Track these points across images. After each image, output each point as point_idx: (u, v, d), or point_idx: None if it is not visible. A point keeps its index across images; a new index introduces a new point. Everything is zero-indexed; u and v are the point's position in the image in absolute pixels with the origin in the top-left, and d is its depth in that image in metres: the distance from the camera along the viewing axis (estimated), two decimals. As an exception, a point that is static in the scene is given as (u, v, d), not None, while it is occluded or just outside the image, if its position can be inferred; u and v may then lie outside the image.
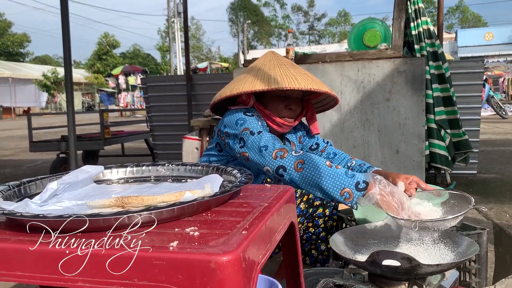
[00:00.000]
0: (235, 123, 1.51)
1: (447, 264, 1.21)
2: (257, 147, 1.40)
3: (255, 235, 0.75)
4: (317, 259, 1.78)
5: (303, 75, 1.60)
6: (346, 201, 1.32)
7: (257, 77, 1.57)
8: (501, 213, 2.99)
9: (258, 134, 1.44)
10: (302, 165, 1.33)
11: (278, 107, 1.63)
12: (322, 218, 1.77)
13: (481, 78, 4.09)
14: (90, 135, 5.23)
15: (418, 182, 1.50)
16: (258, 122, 1.50)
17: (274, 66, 1.62)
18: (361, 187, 1.31)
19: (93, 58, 42.45)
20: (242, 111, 1.55)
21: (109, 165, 1.23)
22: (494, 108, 11.57)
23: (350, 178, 1.32)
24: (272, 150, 1.38)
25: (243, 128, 1.47)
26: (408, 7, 3.40)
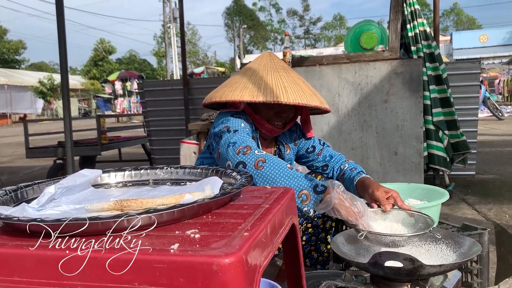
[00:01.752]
0: (220, 123, 1.53)
1: (450, 265, 1.20)
2: (228, 143, 1.41)
3: (257, 236, 0.74)
4: (317, 261, 1.77)
5: (294, 86, 1.57)
6: (303, 204, 1.29)
7: (247, 85, 1.55)
8: (500, 213, 2.98)
9: (234, 132, 1.44)
10: (263, 163, 1.32)
11: (269, 113, 1.62)
12: (321, 219, 1.76)
13: (478, 79, 4.10)
14: (87, 141, 5.21)
15: (396, 199, 1.46)
16: (241, 123, 1.50)
17: (267, 73, 1.59)
18: (319, 190, 1.29)
19: (89, 64, 42.41)
20: (230, 114, 1.56)
21: (107, 169, 1.22)
22: (491, 110, 11.61)
23: (308, 181, 1.31)
24: (238, 147, 1.37)
25: (224, 126, 1.49)
26: (404, 9, 3.40)
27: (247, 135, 1.46)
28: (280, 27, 54.84)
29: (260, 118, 1.62)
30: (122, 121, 20.15)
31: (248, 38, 52.46)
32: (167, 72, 30.09)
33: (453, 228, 1.79)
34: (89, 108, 30.71)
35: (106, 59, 41.55)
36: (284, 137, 1.78)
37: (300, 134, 1.81)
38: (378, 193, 1.47)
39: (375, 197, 1.48)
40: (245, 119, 1.55)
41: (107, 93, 29.75)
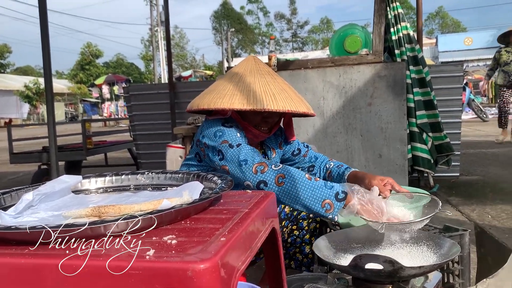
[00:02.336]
0: (213, 135, 1.50)
1: (429, 266, 1.22)
2: (237, 161, 1.40)
3: (234, 241, 0.74)
4: (302, 263, 1.78)
5: (282, 92, 1.58)
6: (327, 213, 1.33)
7: (236, 92, 1.55)
8: (483, 214, 3.02)
9: (237, 147, 1.43)
10: (283, 179, 1.34)
11: (256, 119, 1.63)
12: (306, 220, 1.77)
13: (461, 82, 4.15)
14: (72, 146, 5.16)
15: (393, 184, 1.52)
16: (237, 133, 1.50)
17: (254, 79, 1.60)
18: (340, 197, 1.33)
19: (76, 68, 42.07)
20: (221, 122, 1.54)
21: (87, 174, 1.22)
22: (475, 111, 11.77)
23: (329, 190, 1.33)
24: (252, 165, 1.37)
25: (222, 140, 1.47)
26: (387, 12, 3.44)
27: (249, 146, 1.46)
28: (268, 30, 55.00)
29: (248, 124, 1.63)
30: (110, 125, 20.01)
31: (236, 42, 52.50)
32: (154, 76, 29.99)
33: (435, 229, 1.81)
34: (76, 112, 30.45)
35: (93, 63, 41.26)
36: (270, 141, 1.80)
37: (285, 138, 1.82)
38: (375, 181, 1.52)
39: (373, 185, 1.51)
40: (236, 127, 1.55)
41: (94, 97, 29.54)
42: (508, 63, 6.51)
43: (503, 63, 6.56)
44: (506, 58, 6.52)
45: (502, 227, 2.72)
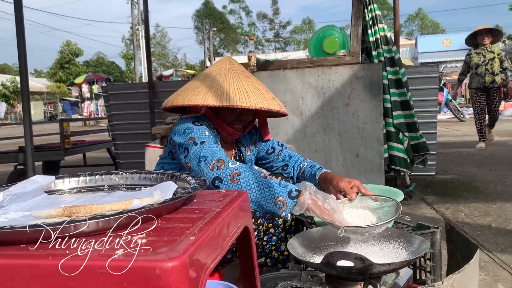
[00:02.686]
0: (183, 132, 1.53)
1: (399, 263, 1.25)
2: (198, 157, 1.42)
3: (204, 240, 0.76)
4: (278, 260, 1.80)
5: (255, 90, 1.62)
6: (280, 210, 1.35)
7: (210, 89, 1.58)
8: (457, 212, 3.10)
9: (200, 144, 1.45)
10: (238, 177, 1.36)
11: (230, 117, 1.65)
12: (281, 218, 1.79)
13: (437, 83, 4.24)
14: (50, 146, 5.08)
15: (359, 187, 1.56)
16: (205, 131, 1.52)
17: (228, 78, 1.63)
18: (293, 195, 1.35)
19: (55, 66, 41.39)
20: (192, 120, 1.56)
21: (61, 175, 1.21)
22: (453, 112, 12.01)
23: (283, 188, 1.36)
24: (210, 161, 1.39)
25: (188, 138, 1.49)
26: (365, 14, 3.49)
27: (214, 144, 1.48)
28: (250, 30, 55.04)
29: (221, 122, 1.65)
30: (89, 125, 19.74)
31: (218, 41, 52.37)
32: (135, 75, 29.71)
33: (408, 227, 1.86)
34: (55, 111, 29.94)
35: (72, 61, 40.65)
36: (245, 139, 1.82)
37: (260, 137, 1.84)
38: (342, 184, 1.56)
39: (340, 188, 1.56)
40: (207, 125, 1.57)
41: (74, 96, 29.10)
42: (480, 65, 6.16)
43: (474, 65, 6.22)
44: (478, 60, 6.18)
45: (474, 224, 2.79)
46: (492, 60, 6.08)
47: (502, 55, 6.13)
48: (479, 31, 6.16)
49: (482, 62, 6.14)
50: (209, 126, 1.58)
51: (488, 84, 6.11)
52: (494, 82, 6.11)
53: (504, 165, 4.85)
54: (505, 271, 2.05)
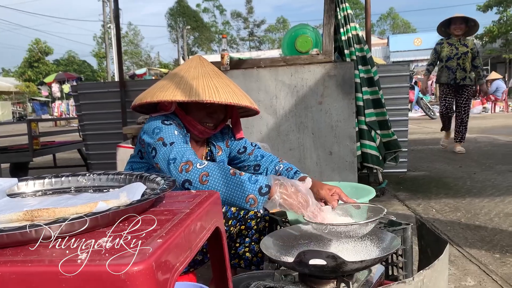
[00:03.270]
0: (152, 131, 1.50)
1: (370, 260, 1.26)
2: (167, 159, 1.40)
3: (172, 243, 0.74)
4: (252, 262, 1.79)
5: (225, 87, 1.60)
6: (252, 207, 1.34)
7: (179, 85, 1.56)
8: (428, 208, 3.16)
9: (170, 145, 1.43)
10: (207, 178, 1.34)
11: (200, 114, 1.63)
12: (254, 220, 1.78)
13: (408, 81, 4.31)
14: (18, 147, 4.94)
15: (340, 194, 1.53)
16: (174, 131, 1.49)
17: (198, 74, 1.61)
18: (263, 191, 1.34)
19: (24, 65, 40.26)
20: (161, 119, 1.54)
21: (24, 177, 1.17)
22: (424, 109, 12.28)
23: (253, 184, 1.34)
24: (179, 164, 1.37)
25: (158, 138, 1.46)
26: (337, 13, 3.52)
27: (183, 144, 1.45)
28: (225, 29, 54.86)
29: (192, 119, 1.63)
30: (60, 125, 19.29)
31: (192, 39, 52.01)
32: (108, 74, 29.21)
33: (380, 224, 1.88)
34: (24, 111, 29.14)
35: (42, 60, 39.64)
36: (216, 139, 1.80)
37: (232, 136, 1.83)
38: (323, 192, 1.52)
39: (321, 196, 1.52)
40: (176, 124, 1.54)
41: (44, 96, 28.39)
42: (451, 58, 5.51)
43: (445, 57, 5.55)
44: (449, 52, 5.55)
45: (445, 220, 2.85)
46: (465, 54, 5.50)
47: (475, 50, 5.58)
48: (453, 19, 5.57)
49: (454, 55, 5.53)
50: (179, 125, 1.55)
51: (459, 80, 5.53)
52: (465, 79, 5.53)
53: (473, 161, 4.98)
54: (473, 265, 2.10)
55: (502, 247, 2.31)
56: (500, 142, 6.57)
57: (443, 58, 5.60)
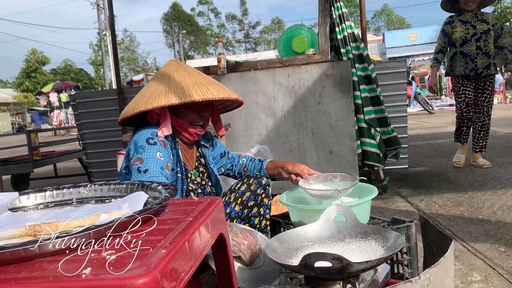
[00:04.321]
0: (134, 149, 1.54)
1: (376, 260, 1.25)
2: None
3: (176, 253, 0.74)
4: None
5: (212, 84, 1.66)
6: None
7: (169, 89, 1.58)
8: (430, 203, 3.15)
9: (144, 172, 1.46)
10: None
11: (191, 114, 1.68)
12: (257, 218, 1.81)
13: (405, 77, 4.30)
14: (18, 158, 4.93)
15: (309, 170, 1.84)
16: (157, 152, 1.52)
17: (183, 75, 1.64)
18: None
19: (21, 76, 40.26)
20: (146, 136, 1.56)
21: (25, 190, 1.17)
22: (422, 104, 12.28)
23: None
24: None
25: (136, 158, 1.50)
26: (332, 12, 3.51)
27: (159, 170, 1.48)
28: (220, 31, 54.88)
29: (184, 122, 1.68)
30: (60, 135, 19.28)
31: (188, 44, 52.03)
32: (105, 81, 29.22)
33: (384, 222, 1.87)
34: (23, 122, 29.13)
35: (39, 70, 39.64)
36: (204, 141, 1.89)
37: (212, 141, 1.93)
38: (296, 168, 1.83)
39: (295, 171, 1.82)
40: (161, 143, 1.56)
41: (42, 105, 28.39)
42: (469, 40, 4.07)
43: (459, 40, 4.10)
44: (464, 33, 4.09)
45: (448, 215, 2.85)
46: (486, 34, 4.05)
47: (498, 26, 4.12)
48: None
49: (471, 36, 4.07)
50: (164, 143, 1.57)
51: (481, 70, 4.08)
52: (489, 67, 4.08)
53: (473, 154, 4.97)
54: (479, 260, 2.10)
55: (506, 241, 2.31)
56: (499, 134, 6.56)
57: (456, 42, 4.14)
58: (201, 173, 1.82)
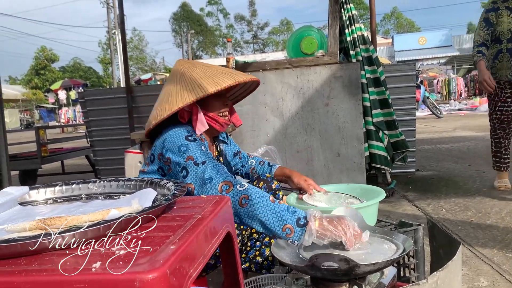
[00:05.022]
0: (178, 149, 1.47)
1: (383, 262, 1.24)
2: (202, 179, 1.39)
3: (185, 249, 0.74)
4: (263, 265, 1.78)
5: (234, 71, 1.67)
6: (287, 237, 1.32)
7: (193, 84, 1.55)
8: (438, 208, 3.13)
9: (202, 164, 1.41)
10: (247, 201, 1.33)
11: (218, 105, 1.65)
12: None
13: (414, 81, 4.29)
14: (26, 154, 4.97)
15: (314, 186, 1.77)
16: (201, 146, 1.48)
17: (203, 68, 1.62)
18: (301, 223, 1.32)
19: (30, 73, 40.65)
20: (184, 134, 1.50)
21: (35, 185, 1.17)
22: (430, 108, 12.20)
23: (291, 214, 1.33)
24: (217, 184, 1.37)
25: (187, 156, 1.44)
26: (342, 14, 3.51)
27: (215, 162, 1.44)
28: (229, 32, 54.98)
29: (214, 115, 1.65)
30: (68, 132, 19.41)
31: (196, 44, 52.18)
32: (113, 80, 29.37)
33: (391, 225, 1.87)
34: (32, 119, 29.35)
35: (48, 67, 39.99)
36: (222, 137, 1.87)
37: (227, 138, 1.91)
38: (301, 182, 1.76)
39: (300, 185, 1.77)
40: (199, 139, 1.53)
41: (51, 102, 28.59)
42: None
43: (506, 33, 3.19)
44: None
45: (455, 219, 2.83)
46: None
47: None
48: None
49: None
50: (200, 141, 1.53)
51: None
52: None
53: (482, 160, 4.94)
54: (486, 265, 2.08)
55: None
56: (508, 140, 6.51)
57: (501, 35, 3.23)
58: None
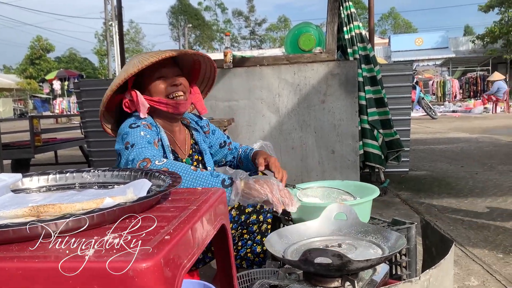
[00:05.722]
0: (121, 138, 1.50)
1: (376, 259, 1.25)
2: (126, 161, 1.40)
3: (179, 239, 0.73)
4: (254, 262, 1.78)
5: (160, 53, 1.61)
6: None
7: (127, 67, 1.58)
8: (430, 207, 3.15)
9: (131, 147, 1.42)
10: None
11: (160, 86, 1.62)
12: (256, 225, 1.76)
13: (410, 80, 4.30)
14: (19, 143, 4.93)
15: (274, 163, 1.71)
16: (141, 132, 1.48)
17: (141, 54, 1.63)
18: (226, 183, 1.33)
19: (25, 62, 40.33)
20: (129, 123, 1.53)
21: (29, 173, 1.16)
22: (425, 109, 12.26)
23: (215, 178, 1.34)
24: (137, 162, 1.36)
25: (124, 143, 1.46)
26: (340, 12, 3.50)
27: (146, 144, 1.43)
28: (226, 27, 54.83)
29: (160, 98, 1.62)
30: (62, 122, 19.29)
31: (193, 38, 51.99)
32: (109, 71, 29.22)
33: (384, 223, 1.87)
34: (26, 108, 29.15)
35: (43, 57, 39.70)
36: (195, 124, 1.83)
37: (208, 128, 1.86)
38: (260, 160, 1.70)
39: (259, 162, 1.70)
40: (145, 125, 1.53)
41: (45, 93, 28.40)
42: None
43: None
44: None
45: (447, 219, 2.84)
46: None
47: None
48: None
49: None
50: (148, 125, 1.55)
51: None
52: None
53: (475, 161, 4.97)
54: (477, 265, 2.10)
55: (505, 247, 2.31)
56: (501, 142, 6.55)
57: None
58: (195, 161, 1.75)
